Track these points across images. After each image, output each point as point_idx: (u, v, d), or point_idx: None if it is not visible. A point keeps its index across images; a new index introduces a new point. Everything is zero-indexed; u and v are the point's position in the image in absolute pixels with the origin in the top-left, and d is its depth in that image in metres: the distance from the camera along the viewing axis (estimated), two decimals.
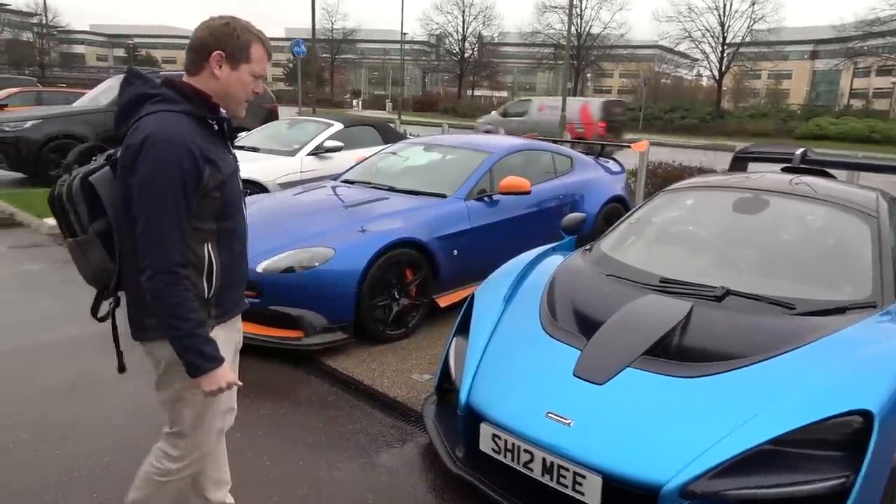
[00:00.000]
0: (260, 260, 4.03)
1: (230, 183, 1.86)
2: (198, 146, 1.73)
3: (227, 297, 1.93)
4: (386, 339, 4.26)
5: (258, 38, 1.86)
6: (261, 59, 1.87)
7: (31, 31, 63.85)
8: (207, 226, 1.81)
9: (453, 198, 4.81)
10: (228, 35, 1.81)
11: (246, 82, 1.86)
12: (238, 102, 1.89)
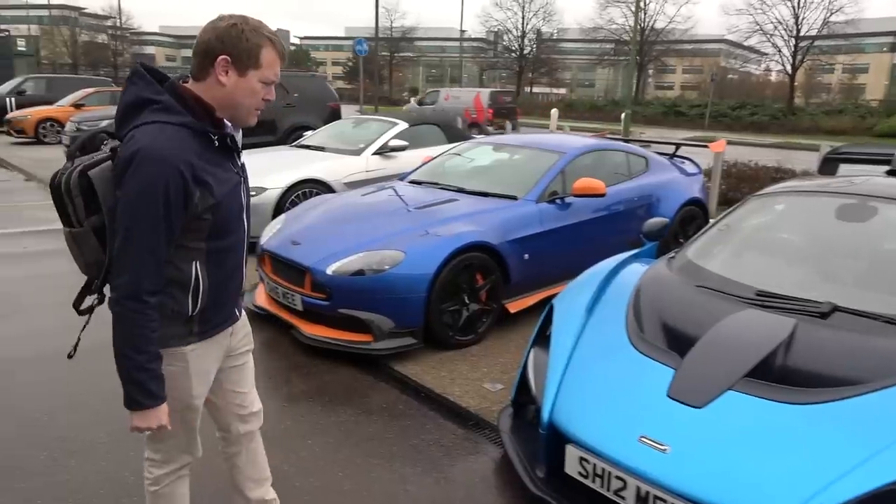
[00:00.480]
0: (330, 262, 3.98)
1: (226, 203, 1.73)
2: (190, 166, 1.60)
3: (216, 313, 1.84)
4: (454, 345, 4.15)
5: (269, 41, 1.69)
6: (272, 64, 1.69)
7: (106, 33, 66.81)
8: (196, 245, 1.72)
9: (525, 200, 4.65)
10: (236, 38, 1.64)
11: (255, 90, 1.69)
12: (247, 112, 1.73)
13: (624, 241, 5.32)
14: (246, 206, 1.86)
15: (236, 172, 1.79)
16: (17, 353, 3.94)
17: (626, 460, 2.21)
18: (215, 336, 1.87)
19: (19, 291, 5.06)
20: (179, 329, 1.76)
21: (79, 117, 10.75)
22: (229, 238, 1.79)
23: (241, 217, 1.83)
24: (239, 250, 1.86)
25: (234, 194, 1.77)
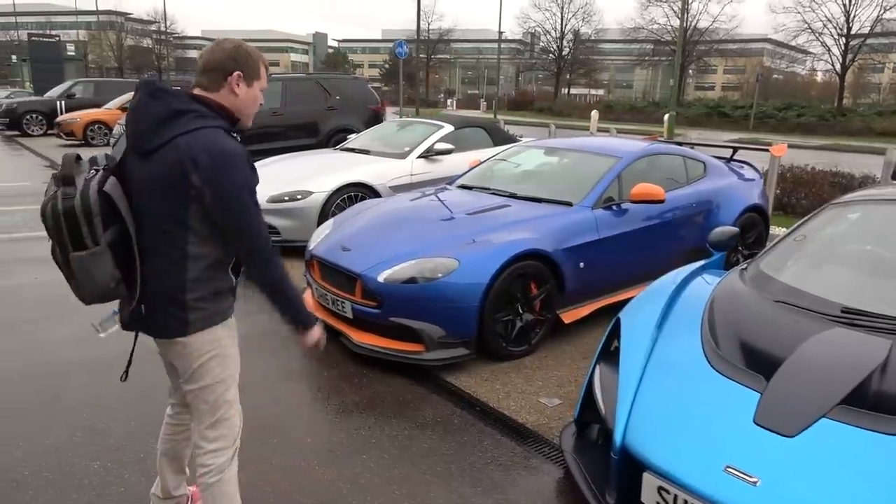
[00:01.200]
0: (381, 269, 3.89)
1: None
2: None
3: (236, 287, 2.11)
4: (507, 356, 4.02)
5: (263, 61, 2.06)
6: (264, 76, 2.06)
7: (150, 37, 68.48)
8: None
9: (580, 206, 4.48)
10: (244, 57, 1.98)
11: (257, 97, 2.04)
12: (250, 115, 2.05)
13: (681, 249, 5.14)
14: None
15: None
16: (71, 356, 3.94)
17: (712, 492, 2.04)
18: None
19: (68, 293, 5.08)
20: (228, 303, 2.04)
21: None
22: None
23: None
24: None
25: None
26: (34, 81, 25.90)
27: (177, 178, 1.83)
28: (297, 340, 2.10)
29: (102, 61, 60.68)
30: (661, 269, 5.05)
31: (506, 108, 43.06)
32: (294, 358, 4.03)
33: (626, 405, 2.48)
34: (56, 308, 4.75)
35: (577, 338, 4.42)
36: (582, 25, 49.68)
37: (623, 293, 4.72)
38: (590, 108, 41.56)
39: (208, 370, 2.03)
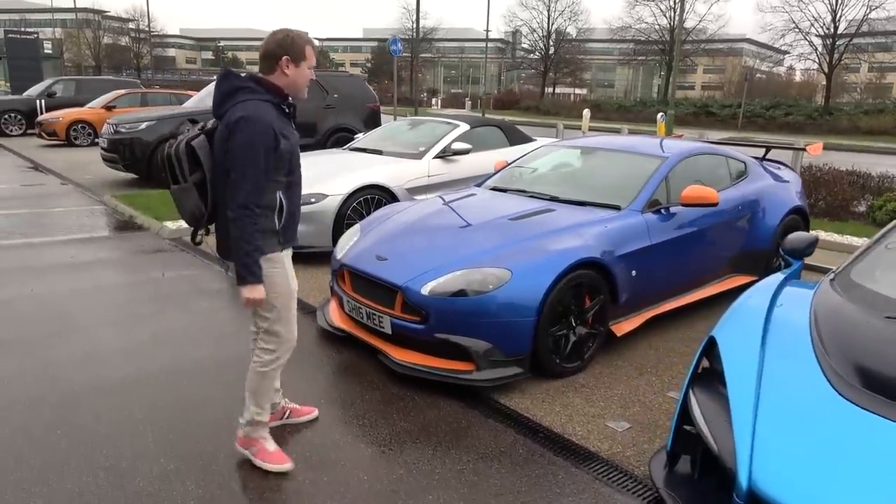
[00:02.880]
0: (425, 281, 3.56)
1: (296, 149, 2.62)
2: (275, 125, 2.47)
3: (290, 230, 2.67)
4: (561, 373, 3.71)
5: (308, 42, 2.60)
6: (311, 55, 2.61)
7: (128, 35, 67.21)
8: (280, 178, 2.56)
9: (629, 210, 4.19)
10: (290, 44, 2.55)
11: (307, 75, 2.60)
12: (303, 89, 2.63)
13: (728, 255, 4.88)
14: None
15: (294, 131, 2.64)
16: (78, 379, 3.55)
17: None
18: (288, 249, 2.71)
19: (72, 308, 4.69)
20: (273, 241, 2.58)
21: (116, 119, 10.38)
22: (296, 174, 2.65)
23: (300, 161, 2.69)
24: (300, 189, 2.73)
25: (297, 144, 2.65)
26: (11, 80, 25.06)
27: (223, 138, 2.50)
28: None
29: (79, 59, 59.31)
30: (708, 276, 4.82)
31: (491, 107, 42.73)
32: (329, 381, 3.68)
33: (745, 440, 2.18)
34: (56, 324, 4.35)
35: (628, 351, 4.13)
36: (568, 24, 49.61)
37: (673, 302, 4.44)
38: (576, 107, 41.43)
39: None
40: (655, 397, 3.55)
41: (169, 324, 4.42)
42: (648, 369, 3.90)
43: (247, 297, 2.49)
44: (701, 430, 2.41)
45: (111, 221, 7.72)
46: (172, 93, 18.61)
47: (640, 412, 3.37)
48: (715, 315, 4.89)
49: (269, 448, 2.77)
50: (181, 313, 4.64)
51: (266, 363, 2.71)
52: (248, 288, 2.48)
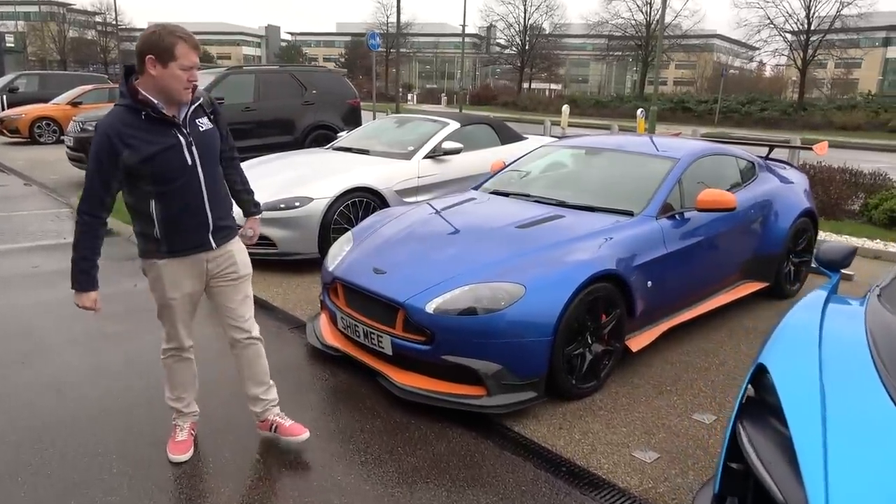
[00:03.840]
0: (429, 297, 3.24)
1: (158, 158, 2.40)
2: (115, 132, 2.33)
3: (181, 239, 2.55)
4: (576, 394, 3.42)
5: (182, 38, 2.34)
6: (186, 54, 2.35)
7: (95, 29, 65.45)
8: (145, 187, 2.42)
9: (644, 216, 3.91)
10: (156, 41, 2.32)
11: (179, 76, 2.35)
12: (178, 92, 2.39)
13: (740, 261, 4.65)
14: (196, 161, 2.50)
15: (174, 136, 2.44)
16: (44, 411, 3.17)
17: None
18: (185, 257, 2.59)
19: (37, 324, 4.28)
20: (152, 246, 2.53)
21: (83, 116, 9.86)
22: (171, 184, 2.45)
23: (184, 170, 2.47)
24: (187, 195, 2.50)
25: (169, 153, 2.42)
26: None
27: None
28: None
29: (44, 54, 57.61)
30: (721, 284, 4.57)
31: (468, 102, 42.41)
32: (324, 407, 3.35)
33: (818, 490, 1.90)
34: (16, 344, 3.95)
35: (643, 367, 3.86)
36: (545, 19, 49.44)
37: (687, 313, 4.19)
38: (553, 102, 41.35)
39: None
40: (680, 420, 3.28)
41: (142, 344, 4.03)
42: (667, 387, 3.64)
43: (75, 302, 2.52)
44: (759, 474, 2.13)
45: None
46: None
47: (667, 439, 3.10)
48: (728, 323, 4.70)
49: (178, 437, 2.86)
50: (156, 331, 4.25)
51: (162, 352, 2.82)
52: (75, 295, 2.51)
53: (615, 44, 45.22)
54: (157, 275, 2.60)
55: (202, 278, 2.67)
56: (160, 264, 2.57)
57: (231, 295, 2.74)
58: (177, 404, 2.87)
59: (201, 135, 2.54)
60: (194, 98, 2.51)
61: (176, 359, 2.81)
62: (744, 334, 4.45)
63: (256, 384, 2.91)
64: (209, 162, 2.57)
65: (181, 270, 2.61)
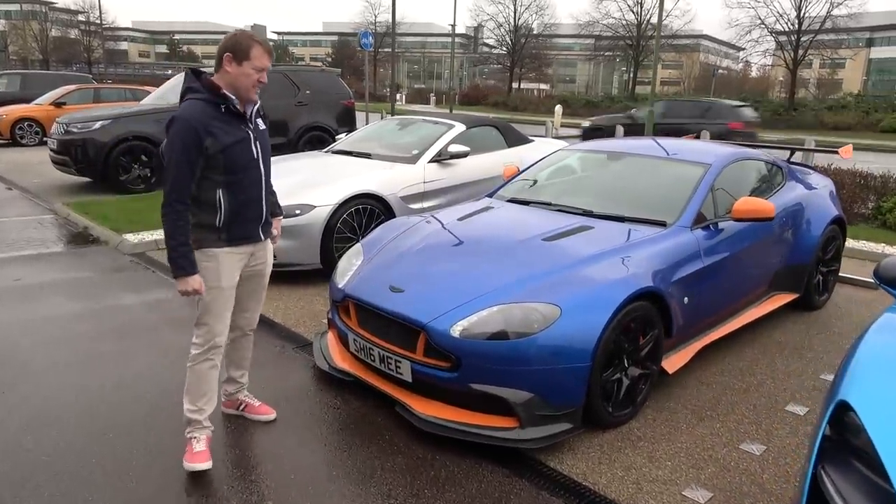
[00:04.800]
0: (454, 319, 2.95)
1: (233, 148, 2.60)
2: (200, 122, 2.52)
3: (238, 229, 2.71)
4: (613, 423, 3.14)
5: (258, 42, 2.60)
6: (259, 56, 2.59)
7: (78, 28, 64.44)
8: (216, 177, 2.60)
9: (678, 226, 3.64)
10: (235, 42, 2.58)
11: (250, 74, 2.58)
12: (247, 90, 2.60)
13: (770, 272, 4.40)
14: (259, 155, 2.72)
15: (244, 130, 2.66)
16: (29, 446, 2.84)
17: None
18: (238, 247, 2.74)
19: (19, 345, 3.94)
20: (212, 236, 2.66)
21: (66, 118, 9.43)
22: (241, 174, 2.66)
23: (250, 162, 2.69)
24: (250, 187, 2.72)
25: (241, 145, 2.64)
26: None
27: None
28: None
29: (26, 53, 56.60)
30: (753, 297, 4.31)
31: (457, 103, 42.10)
32: (338, 441, 3.04)
33: None
34: (9, 369, 3.59)
35: (677, 389, 3.59)
36: (535, 19, 49.19)
37: (721, 329, 3.93)
38: (543, 102, 41.15)
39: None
40: (728, 452, 3.01)
41: (137, 365, 3.71)
42: (707, 413, 3.37)
43: (180, 289, 2.58)
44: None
45: (63, 234, 6.88)
46: (128, 88, 17.53)
47: (717, 474, 2.83)
48: (759, 338, 4.43)
49: (195, 448, 2.75)
50: (150, 350, 3.93)
51: (193, 358, 2.75)
52: (180, 280, 2.56)
53: (605, 44, 45.08)
54: (215, 264, 2.67)
55: (242, 270, 2.80)
56: (219, 253, 2.66)
57: (252, 286, 2.91)
58: (197, 416, 2.77)
59: (261, 132, 2.76)
60: (255, 100, 2.71)
61: (209, 365, 2.78)
62: (777, 349, 4.20)
63: (238, 367, 3.11)
64: (267, 158, 2.79)
65: (235, 261, 2.73)
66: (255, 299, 2.99)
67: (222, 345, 2.80)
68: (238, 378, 3.15)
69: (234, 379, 3.14)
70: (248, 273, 2.86)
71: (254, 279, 2.91)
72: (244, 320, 2.99)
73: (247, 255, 2.79)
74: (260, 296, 3.00)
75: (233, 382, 3.15)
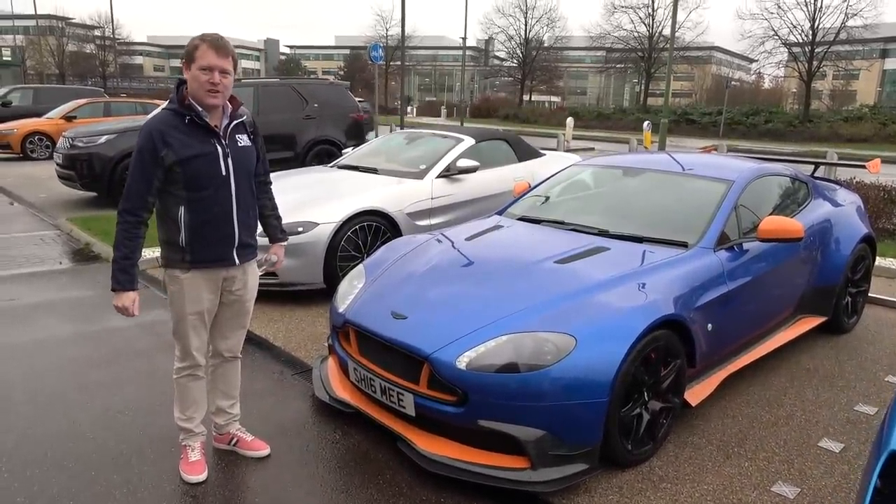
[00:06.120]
0: (460, 348, 2.74)
1: (192, 162, 2.46)
2: (157, 131, 2.43)
3: (200, 249, 2.55)
4: (632, 461, 2.91)
5: (204, 40, 2.42)
6: (203, 56, 2.41)
7: (94, 43, 65.20)
8: (177, 192, 2.49)
9: (700, 248, 3.41)
10: (187, 48, 2.45)
11: (198, 77, 2.42)
12: (202, 95, 2.45)
13: (797, 294, 4.15)
14: (230, 172, 2.55)
15: (212, 144, 2.52)
16: (9, 492, 2.65)
17: None
18: (204, 270, 2.59)
19: (7, 373, 3.76)
20: (176, 256, 2.55)
21: (72, 132, 9.35)
22: (202, 192, 2.50)
23: (216, 179, 2.52)
24: (217, 206, 2.55)
25: (206, 160, 2.49)
26: None
27: None
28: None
29: (42, 67, 57.23)
30: (780, 321, 4.06)
31: (468, 115, 42.04)
32: (336, 480, 2.82)
33: None
34: None
35: (700, 421, 3.35)
36: (546, 31, 49.06)
37: (746, 357, 3.69)
38: (555, 114, 40.95)
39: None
40: (759, 495, 2.76)
41: (126, 396, 3.52)
42: (734, 449, 3.12)
43: (113, 303, 2.48)
44: None
45: (64, 250, 6.74)
46: (138, 101, 17.54)
47: None
48: (786, 364, 4.16)
49: (190, 458, 2.77)
50: (144, 379, 3.74)
51: (176, 371, 2.74)
52: (114, 295, 2.47)
53: (616, 56, 44.87)
54: (179, 288, 2.58)
55: (218, 293, 2.67)
56: (182, 278, 2.56)
57: (231, 313, 2.76)
58: (187, 424, 2.78)
59: (238, 149, 2.59)
60: (237, 114, 2.60)
61: (191, 378, 2.74)
62: (806, 377, 3.94)
63: (226, 397, 2.94)
64: (242, 177, 2.60)
65: (202, 284, 2.60)
66: (236, 326, 2.83)
67: (201, 362, 2.74)
68: (227, 408, 2.96)
69: (222, 409, 2.96)
70: (228, 299, 2.72)
71: (234, 306, 2.75)
72: (225, 346, 2.85)
73: (218, 279, 2.64)
74: (242, 322, 2.84)
75: (222, 413, 2.96)
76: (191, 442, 2.80)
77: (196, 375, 2.76)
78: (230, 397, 2.96)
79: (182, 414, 2.78)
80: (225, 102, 2.54)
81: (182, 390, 2.76)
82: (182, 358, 2.72)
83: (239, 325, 2.84)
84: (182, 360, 2.72)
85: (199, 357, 2.72)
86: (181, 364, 2.73)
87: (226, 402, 2.95)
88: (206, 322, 2.69)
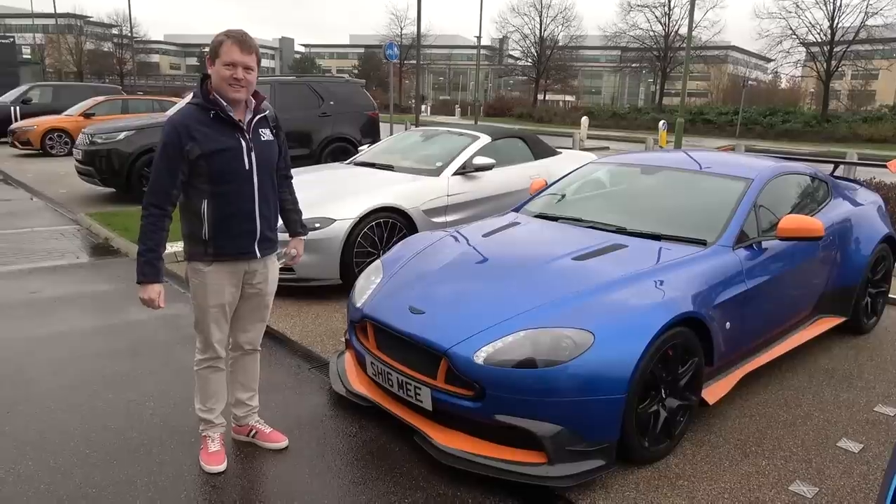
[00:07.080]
0: (478, 343, 2.75)
1: (217, 156, 2.49)
2: (182, 124, 2.45)
3: (223, 243, 2.58)
4: (648, 458, 2.90)
5: (228, 37, 2.47)
6: (227, 52, 2.45)
7: (111, 41, 65.90)
8: (200, 185, 2.51)
9: (719, 246, 3.40)
10: (212, 43, 2.50)
11: (221, 72, 2.46)
12: (225, 90, 2.48)
13: (817, 294, 4.12)
14: (253, 167, 2.58)
15: (236, 139, 2.54)
16: (31, 480, 2.69)
17: None
18: (227, 263, 2.62)
19: (26, 364, 3.82)
20: (199, 249, 2.59)
21: (92, 129, 9.47)
22: (226, 185, 2.53)
23: (240, 173, 2.56)
24: (240, 200, 2.58)
25: (227, 154, 2.51)
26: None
27: None
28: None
29: (61, 65, 57.96)
30: (798, 320, 4.03)
31: (482, 114, 42.00)
32: (353, 473, 2.85)
33: None
34: (16, 389, 3.47)
35: (717, 420, 3.34)
36: (561, 30, 48.93)
37: (764, 356, 3.67)
38: (569, 114, 40.86)
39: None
40: (777, 494, 2.75)
41: (147, 388, 3.56)
42: (752, 447, 3.11)
43: (139, 295, 2.52)
44: None
45: (84, 245, 6.83)
46: (155, 99, 17.70)
47: None
48: (804, 364, 4.13)
49: (210, 448, 2.82)
50: (165, 371, 3.79)
51: (197, 363, 2.78)
52: (140, 287, 2.51)
53: (632, 55, 44.67)
54: (202, 281, 2.62)
55: (240, 286, 2.71)
56: (205, 271, 2.60)
57: (251, 306, 2.80)
58: (208, 415, 2.83)
59: (262, 143, 2.62)
60: (260, 108, 2.62)
61: (211, 370, 2.78)
62: (825, 378, 3.91)
63: (245, 389, 2.98)
64: (265, 171, 2.64)
65: (224, 277, 2.64)
66: (256, 319, 2.87)
67: (222, 354, 2.78)
68: (246, 401, 3.00)
69: (242, 402, 3.00)
70: (248, 292, 2.76)
71: (254, 299, 2.79)
72: (245, 339, 2.89)
73: (240, 273, 2.68)
74: (262, 315, 2.88)
75: (241, 405, 3.00)
76: (211, 433, 2.85)
77: (217, 367, 2.80)
78: (249, 389, 3.00)
79: (202, 405, 2.82)
80: (248, 97, 2.57)
81: (203, 382, 2.80)
82: (203, 350, 2.76)
83: (259, 318, 2.87)
84: (203, 352, 2.76)
85: (219, 349, 2.75)
86: (202, 356, 2.77)
87: (245, 394, 2.99)
88: (228, 315, 2.73)
